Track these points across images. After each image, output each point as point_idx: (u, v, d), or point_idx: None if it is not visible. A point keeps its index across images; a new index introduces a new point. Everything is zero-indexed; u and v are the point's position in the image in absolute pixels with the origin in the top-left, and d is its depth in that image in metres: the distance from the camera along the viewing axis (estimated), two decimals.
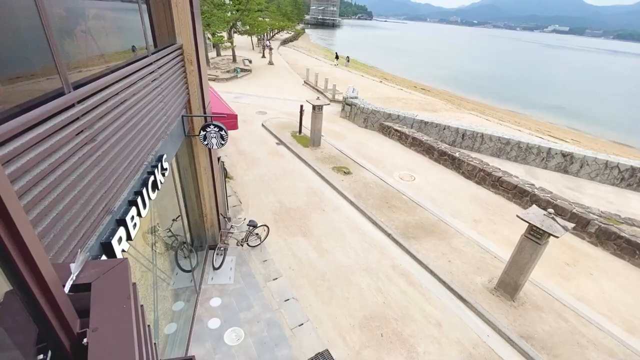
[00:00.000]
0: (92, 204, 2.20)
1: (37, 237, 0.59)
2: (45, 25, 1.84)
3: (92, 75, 2.48)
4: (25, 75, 1.85)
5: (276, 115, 16.70)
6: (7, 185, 0.51)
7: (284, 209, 8.99)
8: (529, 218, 5.70)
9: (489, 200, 10.28)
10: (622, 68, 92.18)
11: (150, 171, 3.32)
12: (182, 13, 4.52)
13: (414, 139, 13.73)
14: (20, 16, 1.79)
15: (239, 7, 28.46)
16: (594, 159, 12.22)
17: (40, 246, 0.57)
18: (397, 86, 30.01)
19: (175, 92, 4.46)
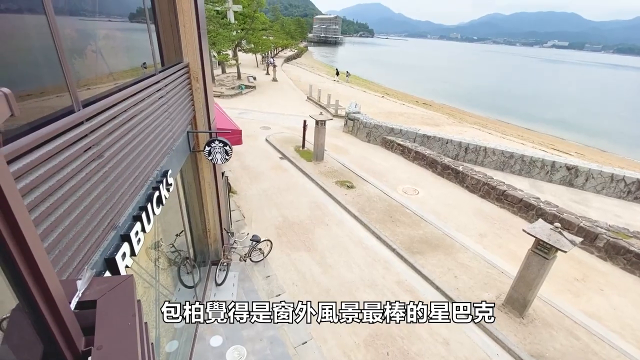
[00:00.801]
0: (98, 219, 2.22)
1: (45, 252, 0.60)
2: (57, 46, 1.91)
3: (101, 93, 2.55)
4: (37, 92, 1.91)
5: (280, 130, 16.89)
6: (19, 201, 0.52)
7: (287, 224, 8.96)
8: (536, 232, 5.62)
9: (493, 214, 10.19)
10: (623, 81, 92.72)
11: (155, 186, 3.35)
12: (189, 33, 4.67)
13: (417, 153, 13.76)
14: (34, 36, 1.87)
15: (244, 26, 29.31)
16: (599, 172, 12.13)
17: (48, 262, 0.58)
18: (399, 101, 30.35)
19: (181, 108, 4.55)
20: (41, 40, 1.87)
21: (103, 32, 2.99)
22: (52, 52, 1.91)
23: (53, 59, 1.92)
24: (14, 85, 1.73)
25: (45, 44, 1.88)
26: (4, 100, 0.45)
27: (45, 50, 1.90)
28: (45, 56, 1.92)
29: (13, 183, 0.49)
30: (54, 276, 0.58)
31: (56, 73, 1.96)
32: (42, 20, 1.82)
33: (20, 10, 1.80)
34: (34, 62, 1.91)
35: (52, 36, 1.88)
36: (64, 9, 2.18)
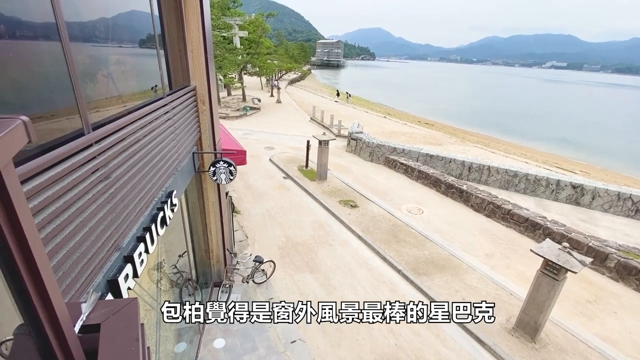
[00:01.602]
0: (102, 240, 2.23)
1: (53, 274, 0.60)
2: (71, 72, 1.99)
3: (110, 115, 2.62)
4: (49, 115, 1.97)
5: (283, 150, 17.07)
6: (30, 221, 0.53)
7: (290, 244, 8.88)
8: (544, 252, 5.51)
9: (500, 233, 10.03)
10: (624, 100, 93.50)
11: (159, 207, 3.37)
12: (196, 58, 4.84)
13: (420, 172, 13.77)
14: (49, 62, 1.95)
15: (249, 51, 30.33)
16: (606, 190, 12.02)
17: (55, 284, 0.58)
18: (401, 121, 30.73)
19: (187, 130, 4.65)
20: (56, 66, 1.96)
21: (114, 58, 3.11)
22: (66, 77, 1.99)
23: (66, 83, 2.00)
24: (29, 108, 1.80)
25: (59, 70, 1.96)
26: (22, 127, 0.48)
27: (59, 75, 1.98)
28: (59, 81, 2.00)
29: (26, 204, 0.50)
30: (60, 298, 0.58)
31: (68, 97, 2.03)
32: (57, 46, 1.91)
33: (37, 37, 1.88)
34: (48, 87, 1.98)
35: (67, 62, 1.97)
36: (78, 36, 2.28)
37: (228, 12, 28.09)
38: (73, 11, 2.18)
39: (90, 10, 2.54)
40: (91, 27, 2.55)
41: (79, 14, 2.36)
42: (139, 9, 3.55)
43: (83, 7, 2.42)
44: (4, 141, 0.38)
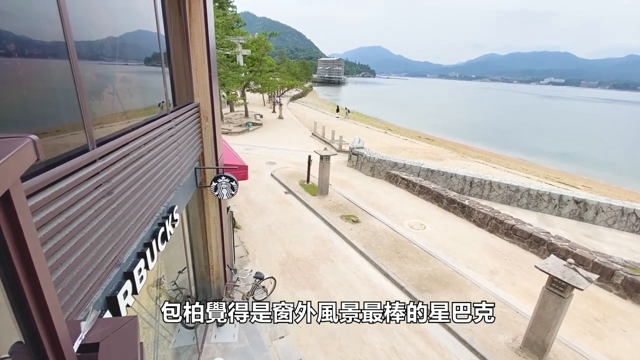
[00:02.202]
0: (102, 256, 2.21)
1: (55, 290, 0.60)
2: (78, 90, 2.03)
3: (115, 132, 2.65)
4: (54, 130, 2.00)
5: (285, 165, 17.15)
6: (35, 239, 0.54)
7: (291, 260, 8.78)
8: (548, 269, 5.43)
9: (503, 249, 9.91)
10: (623, 115, 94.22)
11: (160, 222, 3.36)
12: (200, 76, 4.94)
13: (422, 187, 13.75)
14: (56, 80, 1.99)
15: (252, 68, 30.99)
16: (609, 205, 11.94)
17: (57, 301, 0.58)
18: (402, 136, 30.97)
19: (190, 146, 4.70)
20: (64, 83, 2.00)
21: (120, 75, 3.18)
22: (73, 94, 2.03)
23: (73, 100, 2.04)
24: (36, 124, 1.82)
25: (67, 87, 2.01)
26: (31, 146, 0.49)
27: (66, 92, 2.02)
28: (66, 98, 2.04)
29: (32, 222, 0.51)
30: (61, 316, 0.58)
31: (75, 113, 2.07)
32: (66, 65, 1.96)
33: (46, 56, 1.94)
34: (55, 104, 2.02)
35: (74, 80, 2.01)
36: (85, 55, 2.33)
37: (232, 31, 28.88)
38: (82, 31, 2.25)
39: (98, 30, 2.62)
40: (99, 46, 2.62)
41: (88, 33, 2.43)
42: (146, 28, 3.66)
43: (92, 27, 2.50)
44: (12, 160, 0.39)
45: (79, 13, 2.12)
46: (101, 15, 2.64)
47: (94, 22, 2.54)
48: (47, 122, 1.95)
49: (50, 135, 1.94)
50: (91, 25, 2.49)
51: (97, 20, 2.59)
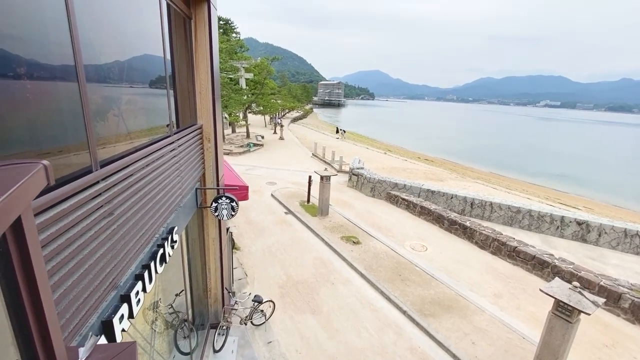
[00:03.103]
0: (100, 279, 2.18)
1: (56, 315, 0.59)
2: (85, 112, 2.08)
3: (118, 153, 2.68)
4: (57, 151, 2.03)
5: (285, 186, 17.17)
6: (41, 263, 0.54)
7: (291, 282, 8.61)
8: (554, 292, 5.31)
9: (507, 271, 9.73)
10: (620, 137, 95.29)
11: (160, 244, 3.33)
12: (204, 99, 5.06)
13: (423, 208, 13.70)
14: (64, 102, 2.04)
15: (254, 91, 31.73)
16: (611, 226, 11.84)
17: (58, 327, 0.57)
18: (402, 157, 31.21)
19: (192, 167, 4.73)
20: (71, 105, 2.04)
21: (126, 97, 3.25)
22: (79, 116, 2.07)
23: (79, 122, 2.08)
24: (42, 145, 1.84)
25: (74, 109, 2.05)
26: (43, 171, 0.50)
27: (73, 114, 2.06)
28: (73, 120, 2.08)
29: (39, 247, 0.51)
30: (61, 341, 0.57)
31: (80, 135, 2.10)
32: (74, 87, 2.01)
33: (55, 79, 1.99)
34: (62, 125, 2.06)
35: (81, 102, 2.06)
36: (93, 77, 2.40)
37: (235, 56, 29.82)
38: (91, 55, 2.33)
39: (107, 54, 2.71)
40: (106, 69, 2.70)
41: (96, 57, 2.51)
42: (153, 53, 3.79)
43: (100, 51, 2.58)
44: (24, 187, 0.40)
45: (89, 38, 2.21)
46: (110, 40, 2.74)
47: (103, 47, 2.63)
48: (53, 143, 1.98)
49: (55, 156, 1.96)
50: (100, 50, 2.57)
51: (106, 45, 2.69)
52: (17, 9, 1.57)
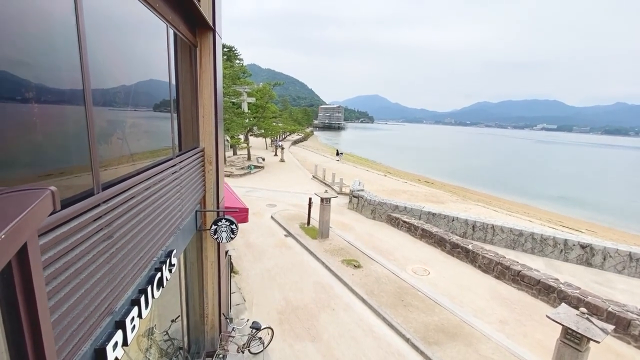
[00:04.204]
0: (96, 304, 2.13)
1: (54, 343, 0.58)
2: (90, 135, 2.12)
3: (120, 175, 2.69)
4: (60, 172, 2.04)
5: (285, 208, 17.10)
6: (42, 290, 0.53)
7: (290, 308, 8.38)
8: (561, 319, 5.16)
9: (512, 297, 9.48)
10: (618, 159, 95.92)
11: (158, 267, 3.28)
12: (207, 122, 5.16)
13: (424, 231, 13.57)
14: (70, 125, 2.07)
15: (256, 115, 32.36)
16: (616, 250, 11.66)
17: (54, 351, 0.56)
18: (402, 179, 31.29)
19: (193, 189, 4.74)
20: (77, 128, 2.08)
21: (130, 121, 3.31)
22: (84, 139, 2.10)
23: (84, 145, 2.11)
24: (46, 167, 1.85)
25: (79, 132, 2.08)
26: (50, 197, 0.51)
27: (78, 137, 2.09)
28: (78, 143, 2.10)
29: (42, 274, 0.51)
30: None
31: (84, 157, 2.12)
32: (81, 111, 2.06)
33: (63, 102, 2.02)
34: (66, 148, 2.08)
35: (87, 126, 2.10)
36: (99, 101, 2.45)
37: (238, 81, 30.65)
38: (98, 80, 2.39)
39: (114, 79, 2.79)
40: (113, 93, 2.77)
41: (104, 81, 2.57)
42: (158, 78, 3.90)
43: (108, 76, 2.66)
44: (32, 214, 0.41)
45: (97, 64, 2.28)
46: (118, 65, 2.83)
47: (111, 72, 2.71)
48: (57, 165, 2.00)
49: (57, 177, 1.97)
50: (108, 75, 2.65)
51: (114, 70, 2.77)
52: (31, 36, 1.64)
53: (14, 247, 0.37)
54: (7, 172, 1.54)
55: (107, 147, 2.63)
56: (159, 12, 3.38)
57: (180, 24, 4.13)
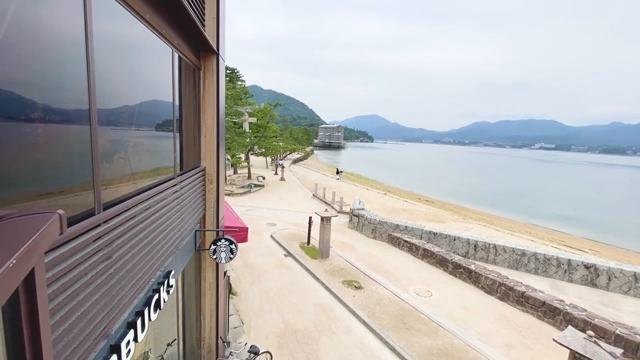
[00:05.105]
0: (91, 327, 2.08)
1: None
2: (94, 155, 2.14)
3: (121, 195, 2.69)
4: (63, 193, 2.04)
5: (285, 227, 16.98)
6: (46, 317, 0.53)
7: (289, 331, 8.15)
8: (568, 342, 5.01)
9: (517, 319, 9.24)
10: (618, 178, 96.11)
11: (155, 288, 3.22)
12: (209, 142, 5.22)
13: (425, 250, 13.41)
14: (74, 145, 2.09)
15: (257, 134, 32.75)
16: (620, 270, 11.48)
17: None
18: (402, 198, 31.24)
19: (193, 209, 4.74)
20: (80, 148, 2.10)
21: (133, 140, 3.35)
22: (88, 159, 2.12)
23: (87, 165, 2.12)
24: (48, 185, 1.86)
25: (82, 152, 2.10)
26: (57, 221, 0.52)
27: (81, 157, 2.11)
28: (81, 162, 2.12)
29: (46, 299, 0.51)
30: None
31: (86, 177, 2.13)
32: (85, 130, 2.08)
33: (69, 122, 2.04)
34: (69, 167, 2.09)
35: (91, 146, 2.13)
36: (103, 121, 2.48)
37: (240, 102, 31.25)
38: (104, 100, 2.43)
39: (119, 100, 2.84)
40: (117, 113, 2.81)
41: (109, 102, 2.62)
42: (162, 99, 3.98)
43: (113, 97, 2.71)
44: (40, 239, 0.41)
45: (104, 85, 2.33)
46: (124, 87, 2.90)
47: (116, 93, 2.77)
48: (58, 185, 2.00)
49: (57, 196, 1.97)
50: (113, 96, 2.70)
51: (120, 92, 2.83)
52: (44, 59, 1.69)
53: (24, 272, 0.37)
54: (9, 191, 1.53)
55: (109, 167, 2.65)
56: (166, 37, 3.50)
57: (185, 48, 4.27)
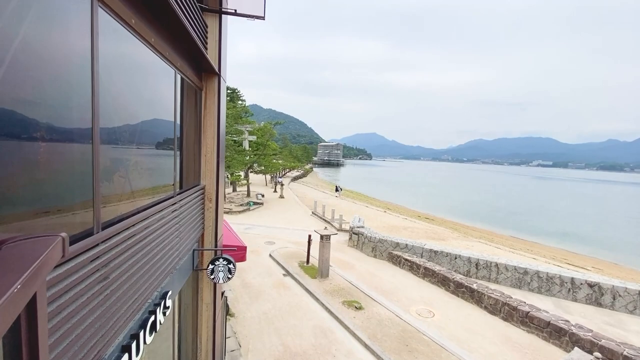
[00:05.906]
0: (85, 351, 2.01)
1: None
2: (95, 174, 2.14)
3: (120, 214, 2.68)
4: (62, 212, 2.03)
5: (284, 245, 16.79)
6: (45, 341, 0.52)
7: (288, 355, 7.90)
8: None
9: (522, 340, 9.00)
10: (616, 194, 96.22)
11: (152, 310, 3.15)
12: (209, 161, 5.26)
13: (427, 269, 13.22)
14: (76, 164, 2.10)
15: (257, 152, 33.00)
16: (625, 289, 11.30)
17: None
18: (401, 215, 31.10)
19: (191, 227, 4.70)
20: (81, 167, 2.10)
21: (133, 159, 3.36)
22: (89, 178, 2.12)
23: (87, 184, 2.12)
24: (46, 204, 1.84)
25: (83, 171, 2.10)
26: (60, 244, 0.52)
27: (82, 176, 2.11)
28: (81, 181, 2.12)
29: (46, 322, 0.50)
30: None
31: (86, 196, 2.13)
32: (87, 149, 2.10)
33: (71, 141, 2.05)
34: (69, 187, 2.08)
35: (92, 165, 2.13)
36: (105, 140, 2.49)
37: (240, 120, 31.66)
38: (107, 120, 2.46)
39: (121, 119, 2.87)
40: (119, 133, 2.84)
41: (112, 121, 2.64)
42: (163, 118, 4.04)
43: (116, 116, 2.74)
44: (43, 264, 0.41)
45: (107, 105, 2.37)
46: (127, 107, 2.94)
47: (119, 113, 2.80)
48: (59, 204, 2.00)
49: (55, 215, 1.95)
50: (116, 115, 2.74)
51: (122, 111, 2.87)
52: (50, 81, 1.73)
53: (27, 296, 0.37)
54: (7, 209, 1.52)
55: (109, 185, 2.65)
56: (169, 59, 3.59)
57: (187, 69, 4.38)
